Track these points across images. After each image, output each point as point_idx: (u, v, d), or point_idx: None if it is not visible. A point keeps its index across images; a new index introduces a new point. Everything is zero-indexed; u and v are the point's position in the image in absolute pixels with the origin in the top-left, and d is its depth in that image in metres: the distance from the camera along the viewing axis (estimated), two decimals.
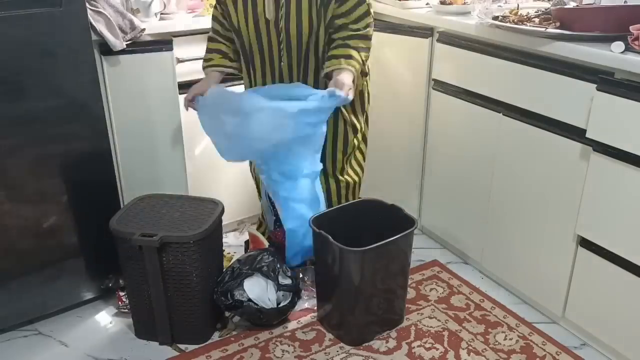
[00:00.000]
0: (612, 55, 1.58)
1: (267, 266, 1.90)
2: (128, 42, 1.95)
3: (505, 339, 1.92)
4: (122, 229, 1.79)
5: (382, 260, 1.81)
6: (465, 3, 2.17)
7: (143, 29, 1.96)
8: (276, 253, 1.96)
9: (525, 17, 1.88)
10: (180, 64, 2.12)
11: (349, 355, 1.85)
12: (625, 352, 1.75)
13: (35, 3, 1.68)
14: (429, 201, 2.43)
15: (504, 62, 1.92)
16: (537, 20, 1.85)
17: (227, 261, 2.12)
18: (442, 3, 2.21)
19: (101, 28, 1.90)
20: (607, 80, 1.61)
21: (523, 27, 1.78)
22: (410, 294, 2.12)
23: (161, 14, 2.09)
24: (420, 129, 2.34)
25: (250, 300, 1.86)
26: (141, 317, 1.91)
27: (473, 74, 2.06)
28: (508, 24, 1.83)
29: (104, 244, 1.96)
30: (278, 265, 1.92)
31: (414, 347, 1.88)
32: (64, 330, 1.97)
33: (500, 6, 2.07)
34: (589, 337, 1.89)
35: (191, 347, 1.89)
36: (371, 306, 1.88)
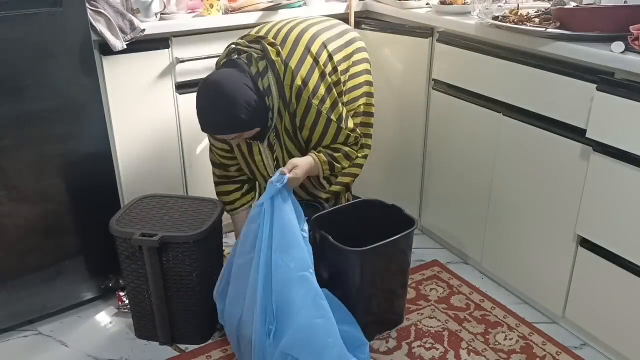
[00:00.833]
0: (612, 55, 1.58)
1: None
2: (128, 42, 1.95)
3: (505, 339, 1.92)
4: (121, 229, 1.79)
5: (382, 260, 1.82)
6: (465, 3, 2.17)
7: (143, 29, 1.96)
8: None
9: (525, 17, 1.88)
10: (180, 64, 2.12)
11: None
12: (625, 352, 1.75)
13: (35, 3, 1.68)
14: (429, 201, 2.43)
15: (504, 62, 1.92)
16: (537, 20, 1.85)
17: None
18: (442, 3, 2.21)
19: (101, 28, 1.90)
20: (607, 80, 1.60)
21: (523, 27, 1.78)
22: (410, 294, 2.12)
23: (161, 14, 2.09)
24: (420, 129, 2.34)
25: None
26: (141, 317, 1.91)
27: (473, 74, 2.06)
28: (508, 24, 1.83)
29: (103, 244, 1.97)
30: None
31: (414, 347, 1.88)
32: (64, 330, 1.97)
33: (500, 6, 2.07)
34: (589, 337, 1.89)
35: (191, 347, 1.89)
36: (371, 306, 1.88)
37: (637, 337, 1.69)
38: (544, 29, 1.74)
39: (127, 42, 1.95)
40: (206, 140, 2.14)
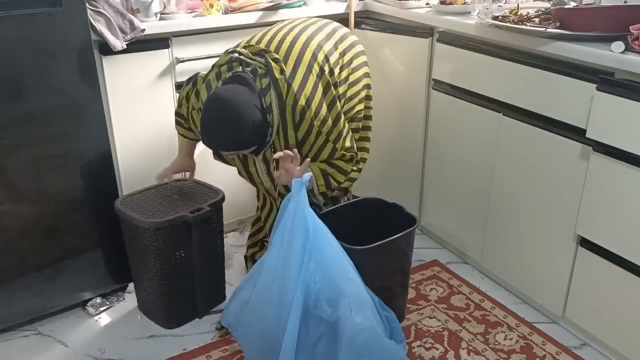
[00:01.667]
0: (612, 55, 1.58)
1: None
2: (128, 42, 1.95)
3: (505, 339, 1.92)
4: (162, 218, 1.83)
5: (383, 258, 1.81)
6: (465, 3, 2.17)
7: (143, 29, 1.96)
8: None
9: (525, 17, 1.88)
10: (180, 64, 2.12)
11: None
12: (625, 352, 1.75)
13: (35, 3, 1.68)
14: (429, 201, 2.43)
15: (503, 62, 1.92)
16: (537, 20, 1.85)
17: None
18: (442, 3, 2.21)
19: (101, 28, 1.90)
20: (607, 80, 1.61)
21: (523, 27, 1.78)
22: (410, 293, 2.12)
23: (161, 14, 2.09)
24: (420, 129, 2.34)
25: None
26: (172, 301, 1.96)
27: (473, 74, 2.06)
28: (508, 24, 1.83)
29: (103, 243, 1.97)
30: None
31: (414, 347, 1.88)
32: (64, 330, 1.97)
33: (500, 6, 2.07)
34: (589, 337, 1.89)
35: (191, 347, 1.89)
36: None
37: (637, 337, 1.69)
38: (544, 29, 1.74)
39: (127, 42, 1.95)
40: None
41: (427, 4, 2.28)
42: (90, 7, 1.89)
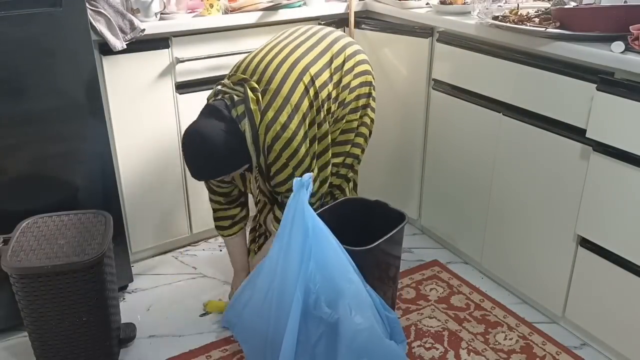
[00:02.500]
0: (612, 55, 1.58)
1: None
2: (128, 42, 1.95)
3: (505, 339, 1.92)
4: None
5: (381, 256, 1.81)
6: (465, 3, 2.17)
7: (143, 29, 1.96)
8: None
9: (525, 17, 1.88)
10: (180, 64, 2.12)
11: None
12: (625, 352, 1.75)
13: (35, 3, 1.68)
14: (429, 201, 2.43)
15: (504, 62, 1.92)
16: (537, 20, 1.85)
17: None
18: (442, 3, 2.21)
19: (101, 28, 1.90)
20: (607, 80, 1.61)
21: (523, 27, 1.78)
22: (411, 293, 2.12)
23: (161, 13, 2.09)
24: (420, 129, 2.34)
25: None
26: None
27: (473, 74, 2.06)
28: (508, 24, 1.83)
29: None
30: None
31: (414, 347, 1.88)
32: None
33: (500, 6, 2.07)
34: (589, 337, 1.89)
35: (192, 347, 1.89)
36: None
37: (637, 337, 1.69)
38: (544, 29, 1.74)
39: (127, 42, 1.95)
40: None
41: (427, 4, 2.28)
42: (90, 7, 1.89)
